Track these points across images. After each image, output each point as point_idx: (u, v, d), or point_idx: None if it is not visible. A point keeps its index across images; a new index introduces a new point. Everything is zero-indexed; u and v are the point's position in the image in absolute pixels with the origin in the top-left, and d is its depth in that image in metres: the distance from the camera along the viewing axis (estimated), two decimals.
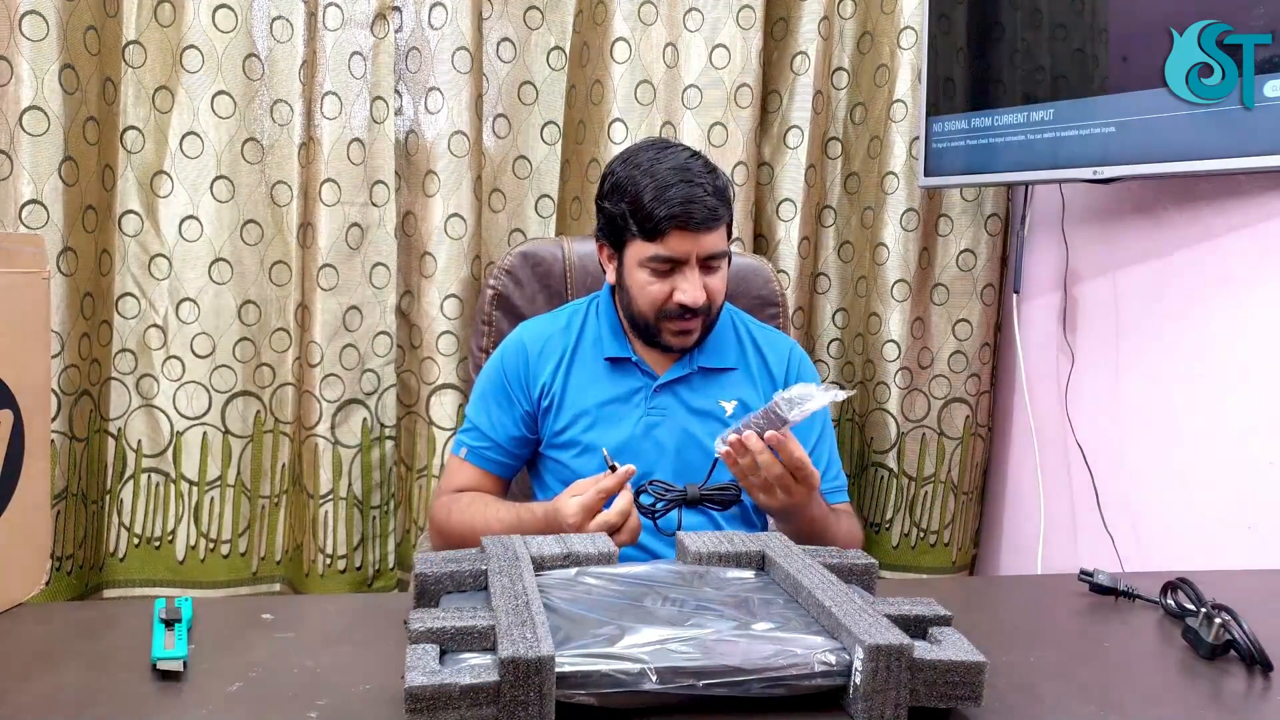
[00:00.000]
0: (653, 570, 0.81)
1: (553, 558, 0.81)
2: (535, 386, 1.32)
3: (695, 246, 1.21)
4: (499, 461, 1.33)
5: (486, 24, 1.85)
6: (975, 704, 0.66)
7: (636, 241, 1.24)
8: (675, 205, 1.19)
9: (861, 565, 0.83)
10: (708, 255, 1.23)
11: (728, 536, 0.87)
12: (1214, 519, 1.49)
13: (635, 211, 1.22)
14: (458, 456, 1.34)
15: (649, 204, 1.20)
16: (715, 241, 1.23)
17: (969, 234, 1.97)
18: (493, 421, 1.33)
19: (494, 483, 1.34)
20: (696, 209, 1.20)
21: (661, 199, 1.20)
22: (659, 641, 0.66)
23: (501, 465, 1.34)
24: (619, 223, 1.25)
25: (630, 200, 1.23)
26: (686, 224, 1.20)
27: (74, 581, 1.72)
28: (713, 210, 1.21)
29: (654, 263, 1.23)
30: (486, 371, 1.37)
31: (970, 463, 2.01)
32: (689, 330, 1.27)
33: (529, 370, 1.33)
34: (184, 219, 1.80)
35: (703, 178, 1.22)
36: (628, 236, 1.25)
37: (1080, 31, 1.60)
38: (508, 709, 0.60)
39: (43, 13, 1.56)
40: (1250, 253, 1.45)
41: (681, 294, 1.22)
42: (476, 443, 1.33)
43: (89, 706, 0.66)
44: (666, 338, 1.27)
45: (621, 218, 1.24)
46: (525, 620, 0.65)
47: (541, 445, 1.33)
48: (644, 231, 1.22)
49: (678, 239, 1.21)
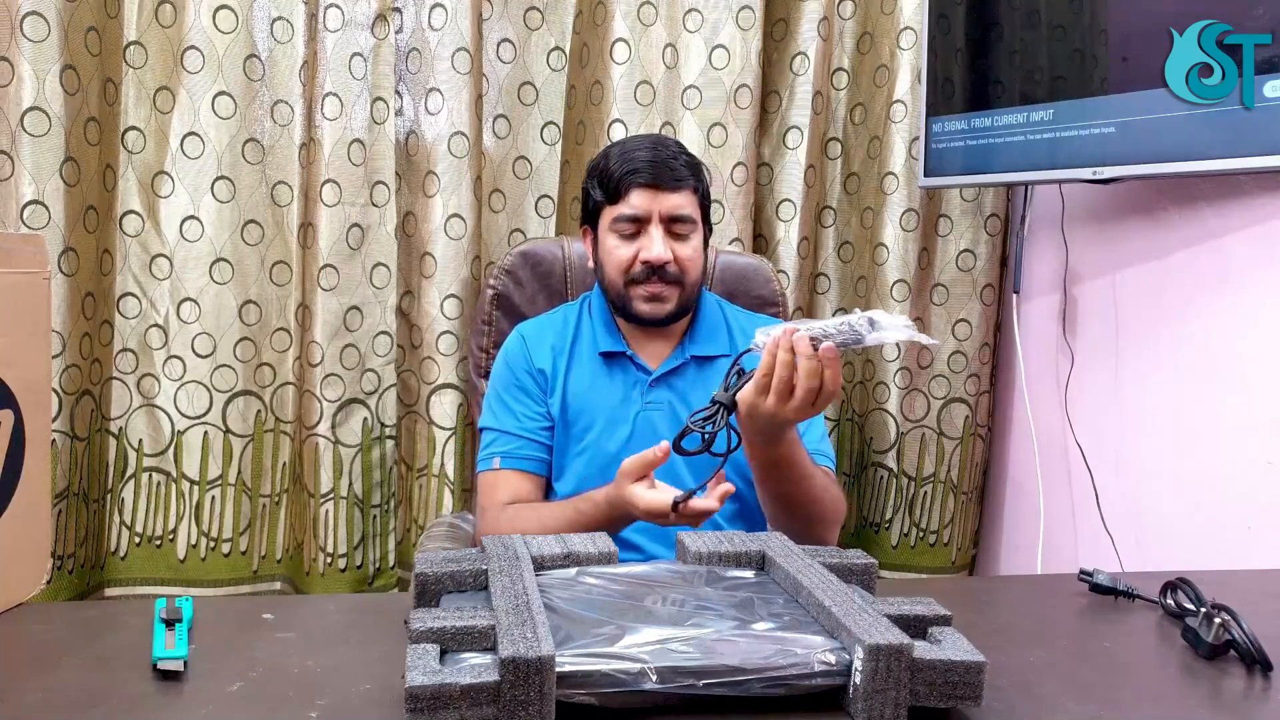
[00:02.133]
0: (653, 570, 0.81)
1: (553, 557, 0.81)
2: (540, 378, 1.33)
3: (656, 204, 1.25)
4: (536, 458, 1.30)
5: (486, 25, 1.85)
6: (975, 704, 0.66)
7: (605, 209, 1.28)
8: (636, 163, 1.25)
9: (861, 565, 0.83)
10: (671, 216, 1.25)
11: (728, 536, 0.87)
12: (1214, 519, 1.49)
13: (602, 177, 1.28)
14: (491, 470, 1.30)
15: (613, 166, 1.26)
16: (679, 203, 1.26)
17: (969, 234, 1.97)
18: (518, 417, 1.31)
19: (536, 483, 1.31)
20: (658, 167, 1.24)
21: (624, 159, 1.26)
22: (659, 641, 0.66)
23: (539, 461, 1.31)
24: (591, 196, 1.30)
25: (600, 170, 1.29)
26: (647, 180, 1.24)
27: (75, 580, 1.72)
28: (674, 170, 1.25)
29: (619, 224, 1.26)
30: (496, 377, 1.37)
31: (970, 463, 2.01)
32: (659, 295, 1.27)
33: (534, 364, 1.33)
34: (185, 219, 1.80)
35: (669, 147, 1.27)
36: (597, 205, 1.29)
37: (1080, 31, 1.60)
38: (508, 709, 0.60)
39: (44, 14, 1.56)
40: (1250, 253, 1.45)
41: (646, 252, 1.25)
42: (507, 447, 1.30)
43: (89, 706, 0.66)
44: (638, 305, 1.28)
45: (592, 188, 1.30)
46: (525, 620, 0.65)
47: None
48: (608, 194, 1.27)
49: (639, 195, 1.25)
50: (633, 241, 1.26)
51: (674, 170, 1.25)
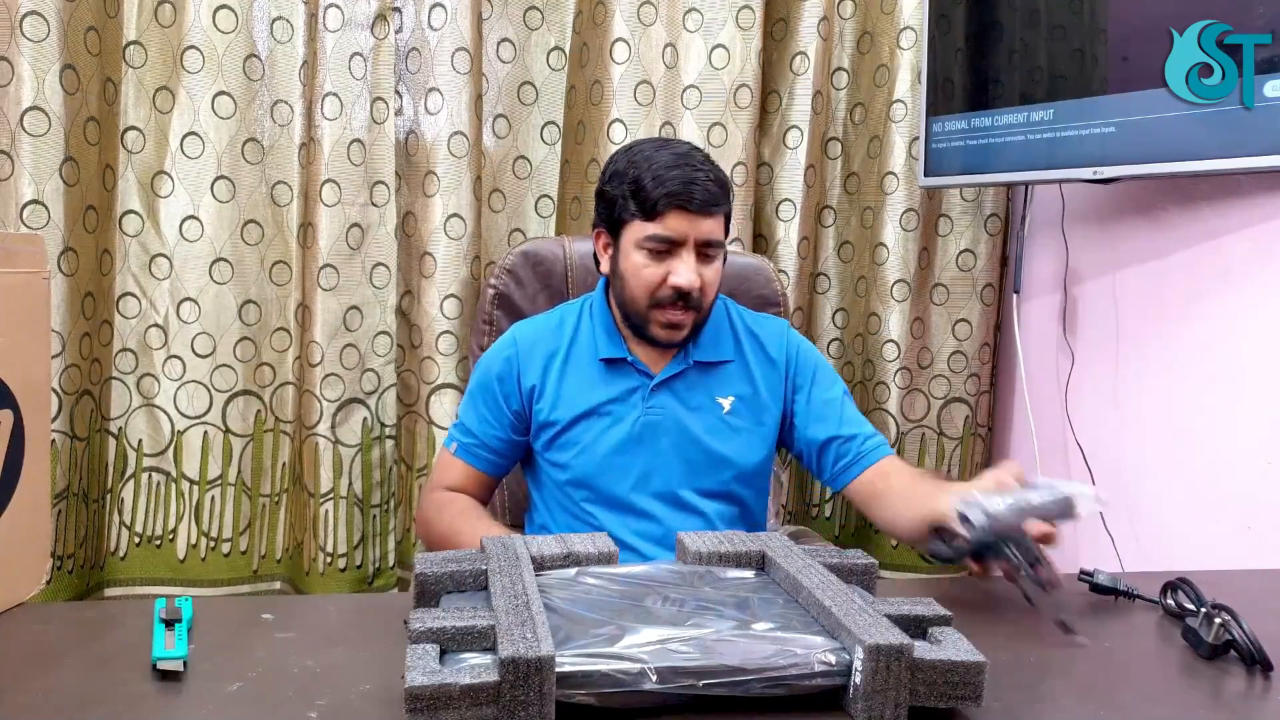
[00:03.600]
0: (653, 570, 0.81)
1: (553, 557, 0.81)
2: (525, 388, 1.32)
3: (692, 229, 1.22)
4: (488, 460, 1.33)
5: (486, 24, 1.85)
6: (975, 704, 0.66)
7: (635, 222, 1.24)
8: (675, 184, 1.21)
9: (861, 565, 0.83)
10: (705, 241, 1.23)
11: (728, 537, 0.87)
12: (1214, 519, 1.49)
13: (635, 192, 1.23)
14: (448, 451, 1.34)
15: (649, 184, 1.22)
16: (713, 228, 1.24)
17: (968, 234, 1.97)
18: (481, 422, 1.33)
19: (483, 480, 1.33)
20: (697, 190, 1.21)
21: (662, 179, 1.21)
22: (659, 641, 0.66)
23: (491, 464, 1.33)
24: (618, 205, 1.26)
25: (631, 181, 1.24)
26: (686, 204, 1.21)
27: (75, 580, 1.72)
28: (713, 195, 1.22)
29: (651, 243, 1.23)
30: (477, 372, 1.37)
31: (970, 462, 2.01)
32: (678, 324, 1.26)
33: (518, 373, 1.32)
34: (185, 219, 1.80)
35: (704, 166, 1.24)
36: (626, 217, 1.25)
37: (1080, 31, 1.60)
38: (508, 709, 0.60)
39: (43, 13, 1.56)
40: (1250, 253, 1.45)
41: (676, 276, 1.23)
42: (466, 439, 1.33)
43: (89, 706, 0.66)
44: (655, 329, 1.27)
45: (621, 199, 1.25)
46: (525, 620, 0.65)
47: (536, 445, 1.33)
48: (643, 210, 1.23)
49: (676, 218, 1.22)
50: (662, 262, 1.23)
51: (713, 195, 1.22)
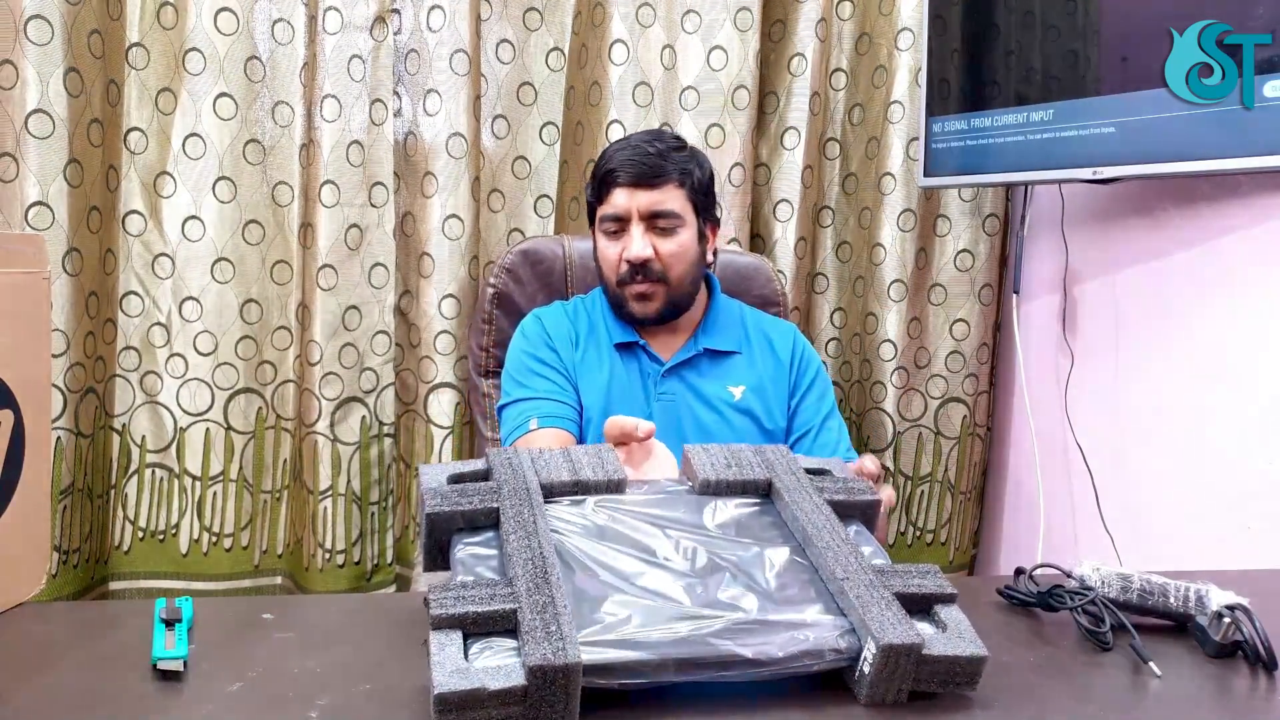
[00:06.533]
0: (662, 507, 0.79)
1: (561, 485, 0.80)
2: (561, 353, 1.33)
3: (633, 201, 1.25)
4: (570, 419, 1.27)
5: (485, 25, 1.85)
6: (971, 689, 0.68)
7: (596, 209, 1.30)
8: (614, 163, 1.25)
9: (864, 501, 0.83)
10: (652, 213, 1.25)
11: (735, 456, 0.85)
12: (1213, 519, 1.49)
13: (592, 180, 1.30)
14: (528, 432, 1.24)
15: (599, 169, 1.27)
16: (656, 199, 1.25)
17: (967, 234, 1.97)
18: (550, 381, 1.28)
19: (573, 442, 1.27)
20: (632, 165, 1.24)
21: (607, 161, 1.26)
22: (680, 636, 0.66)
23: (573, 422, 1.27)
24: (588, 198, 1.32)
25: (592, 174, 1.30)
26: (624, 178, 1.24)
27: (80, 574, 1.73)
28: (651, 167, 1.24)
29: (605, 223, 1.28)
30: (516, 355, 1.35)
31: (967, 463, 2.01)
32: (647, 294, 1.27)
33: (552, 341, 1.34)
34: (187, 219, 1.80)
35: (655, 143, 1.26)
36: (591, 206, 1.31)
37: (1080, 32, 1.60)
38: (534, 707, 0.62)
39: (47, 17, 1.56)
40: (1250, 253, 1.45)
41: (626, 250, 1.25)
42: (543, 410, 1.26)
43: (89, 706, 0.66)
44: (630, 305, 1.29)
45: (588, 191, 1.31)
46: (547, 603, 0.65)
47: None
48: (596, 196, 1.28)
49: (619, 194, 1.26)
50: (618, 240, 1.28)
51: (652, 166, 1.24)
